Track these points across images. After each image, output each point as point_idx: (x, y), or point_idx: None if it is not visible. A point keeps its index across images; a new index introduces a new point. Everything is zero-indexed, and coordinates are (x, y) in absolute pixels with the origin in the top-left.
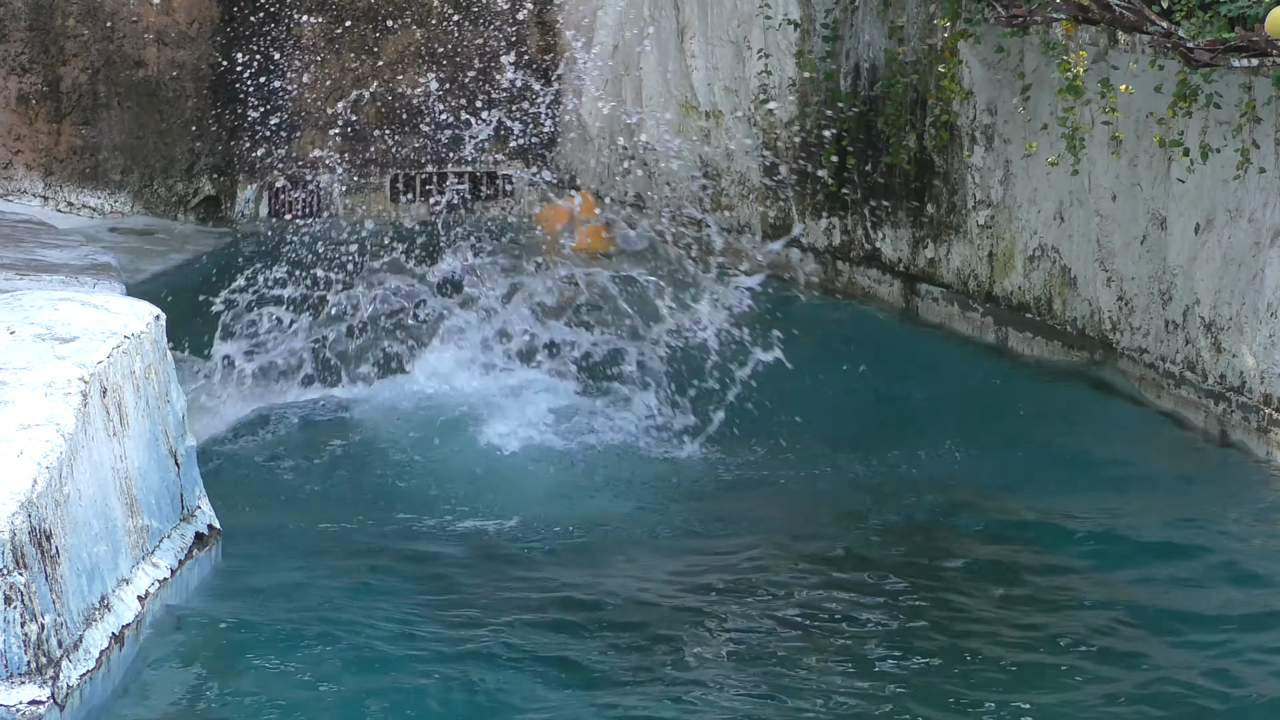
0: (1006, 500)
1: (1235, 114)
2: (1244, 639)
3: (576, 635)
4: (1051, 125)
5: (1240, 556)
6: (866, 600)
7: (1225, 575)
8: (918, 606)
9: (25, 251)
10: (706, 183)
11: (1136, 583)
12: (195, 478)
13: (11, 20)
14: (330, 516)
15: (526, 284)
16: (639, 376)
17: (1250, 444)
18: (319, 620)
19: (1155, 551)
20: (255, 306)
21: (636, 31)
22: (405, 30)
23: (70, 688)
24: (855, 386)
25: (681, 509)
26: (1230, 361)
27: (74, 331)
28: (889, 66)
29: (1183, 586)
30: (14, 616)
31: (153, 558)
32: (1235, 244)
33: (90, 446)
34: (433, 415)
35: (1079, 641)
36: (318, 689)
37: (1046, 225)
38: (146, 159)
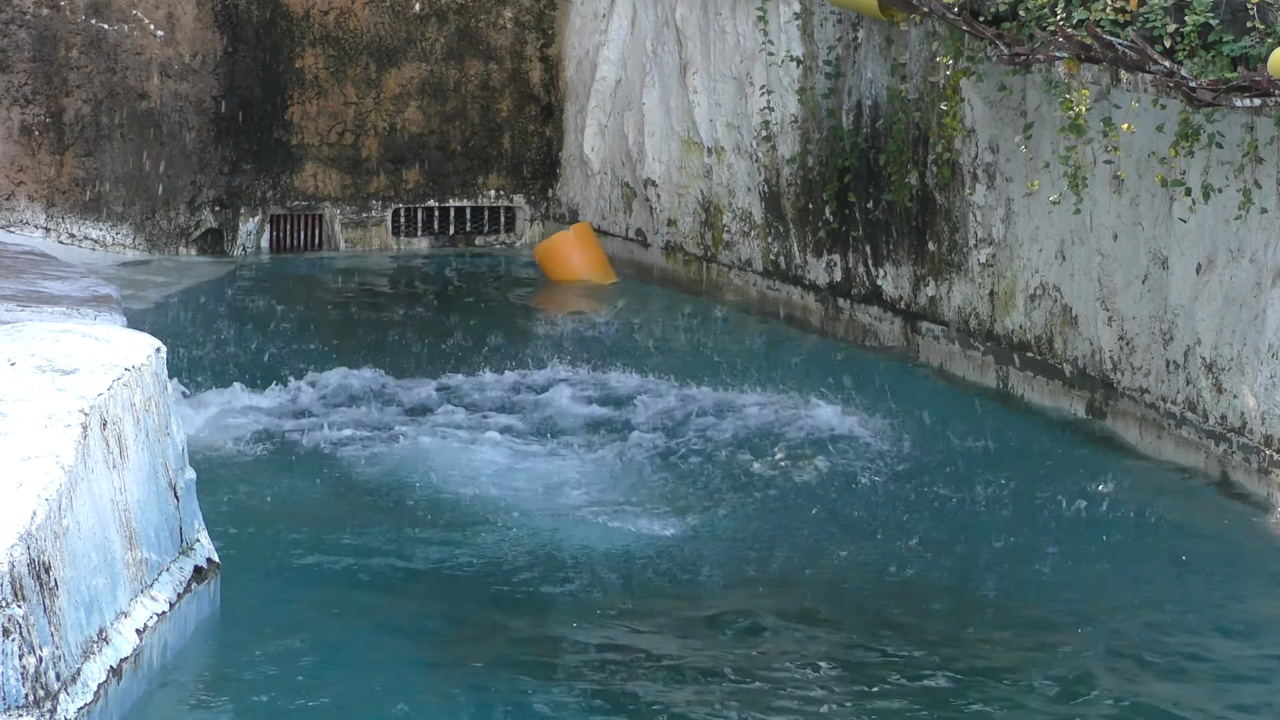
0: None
1: (1237, 154)
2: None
3: (581, 678)
4: (1053, 164)
5: (1237, 603)
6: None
7: (1222, 622)
8: (899, 656)
9: (27, 283)
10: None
11: (1138, 626)
12: (195, 511)
13: (15, 51)
14: (333, 552)
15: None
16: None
17: (1250, 485)
18: (318, 658)
19: (1160, 597)
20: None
21: (639, 67)
22: (409, 64)
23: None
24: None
25: (683, 550)
26: (1231, 402)
27: (75, 363)
28: (891, 104)
29: (1184, 631)
30: (12, 649)
31: (151, 591)
32: (1237, 284)
33: (90, 479)
34: (435, 450)
35: (1077, 684)
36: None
37: (1048, 264)
38: (149, 191)
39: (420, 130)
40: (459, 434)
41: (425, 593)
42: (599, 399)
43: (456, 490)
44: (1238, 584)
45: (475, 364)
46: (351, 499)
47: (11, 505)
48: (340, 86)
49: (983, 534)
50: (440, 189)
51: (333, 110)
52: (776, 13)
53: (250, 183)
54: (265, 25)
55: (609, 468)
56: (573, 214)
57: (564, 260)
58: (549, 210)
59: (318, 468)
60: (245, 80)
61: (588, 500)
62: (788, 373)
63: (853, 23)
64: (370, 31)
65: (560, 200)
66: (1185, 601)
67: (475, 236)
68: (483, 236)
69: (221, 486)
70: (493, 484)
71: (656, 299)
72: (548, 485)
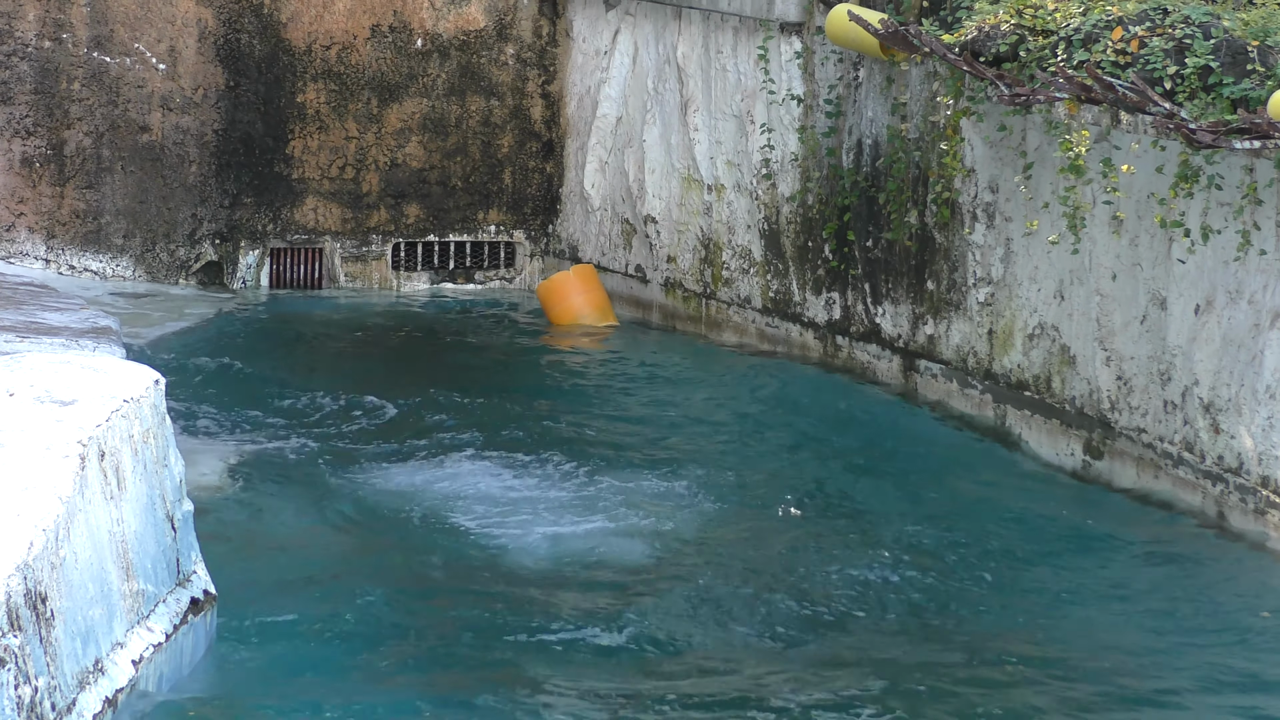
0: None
1: (1237, 196)
2: None
3: (591, 701)
4: (1053, 204)
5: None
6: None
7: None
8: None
9: (26, 314)
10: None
11: (1129, 658)
12: (192, 542)
13: (17, 83)
14: (329, 584)
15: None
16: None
17: (1246, 526)
18: (314, 691)
19: (1150, 630)
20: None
21: (640, 104)
22: (410, 99)
23: None
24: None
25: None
26: (1228, 443)
27: (73, 394)
28: (891, 143)
29: (1172, 659)
30: (7, 679)
31: (148, 622)
32: (1235, 325)
33: (87, 510)
34: (434, 478)
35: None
36: None
37: (1046, 304)
38: (149, 223)
39: (421, 165)
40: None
41: (422, 625)
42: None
43: (451, 520)
44: (1231, 622)
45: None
46: (348, 532)
47: (9, 536)
48: (341, 121)
49: (977, 568)
50: (441, 224)
51: (334, 145)
52: (778, 52)
53: (251, 216)
54: (267, 59)
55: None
56: (573, 250)
57: (564, 300)
58: (549, 246)
59: (313, 502)
60: (247, 114)
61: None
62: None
63: (854, 62)
64: (372, 67)
65: (560, 236)
66: (1179, 638)
67: (475, 271)
68: (483, 271)
69: (218, 519)
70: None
71: (651, 345)
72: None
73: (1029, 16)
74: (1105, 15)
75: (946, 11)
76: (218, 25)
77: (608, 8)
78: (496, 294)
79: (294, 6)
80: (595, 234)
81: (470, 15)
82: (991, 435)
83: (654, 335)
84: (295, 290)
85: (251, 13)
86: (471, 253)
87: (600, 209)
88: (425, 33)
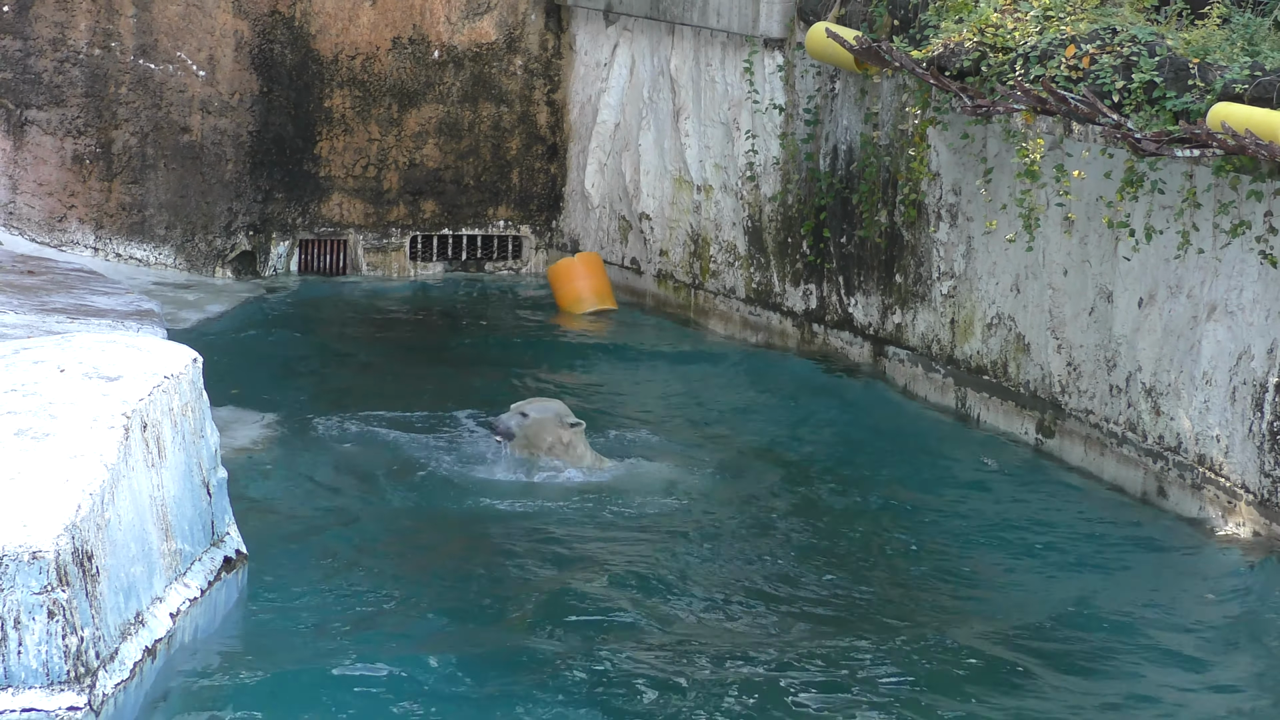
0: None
1: (1177, 199)
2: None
3: (616, 666)
4: (1010, 206)
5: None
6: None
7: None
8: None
9: (76, 297)
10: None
11: (1064, 613)
12: (225, 506)
13: (69, 87)
14: (352, 544)
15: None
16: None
17: (1184, 500)
18: (338, 639)
19: (1088, 596)
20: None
21: (636, 112)
22: (428, 105)
23: (106, 696)
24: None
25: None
26: (1168, 424)
27: (119, 371)
28: (864, 149)
29: (1112, 628)
30: (56, 629)
31: (184, 579)
32: (1175, 317)
33: (130, 476)
34: (449, 444)
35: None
36: (331, 704)
37: (1004, 296)
38: (189, 216)
39: (437, 165)
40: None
41: (438, 582)
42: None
43: (470, 485)
44: (1169, 584)
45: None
46: (373, 496)
47: (59, 499)
48: (365, 125)
49: (943, 537)
50: (454, 219)
51: (358, 146)
52: (761, 65)
53: (281, 210)
54: (297, 68)
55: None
56: (574, 243)
57: (571, 283)
58: (552, 240)
59: (341, 469)
60: (278, 117)
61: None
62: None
63: (831, 75)
64: (393, 75)
65: (563, 231)
66: (1118, 599)
67: (485, 262)
68: (492, 262)
69: (251, 485)
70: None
71: (645, 329)
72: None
73: (990, 35)
74: (1059, 34)
75: (915, 30)
76: (253, 36)
77: (607, 23)
78: (505, 282)
79: (322, 20)
80: (594, 229)
81: (483, 29)
82: (952, 415)
83: (648, 321)
84: (321, 277)
85: (284, 25)
86: (482, 245)
87: (599, 206)
88: (441, 45)
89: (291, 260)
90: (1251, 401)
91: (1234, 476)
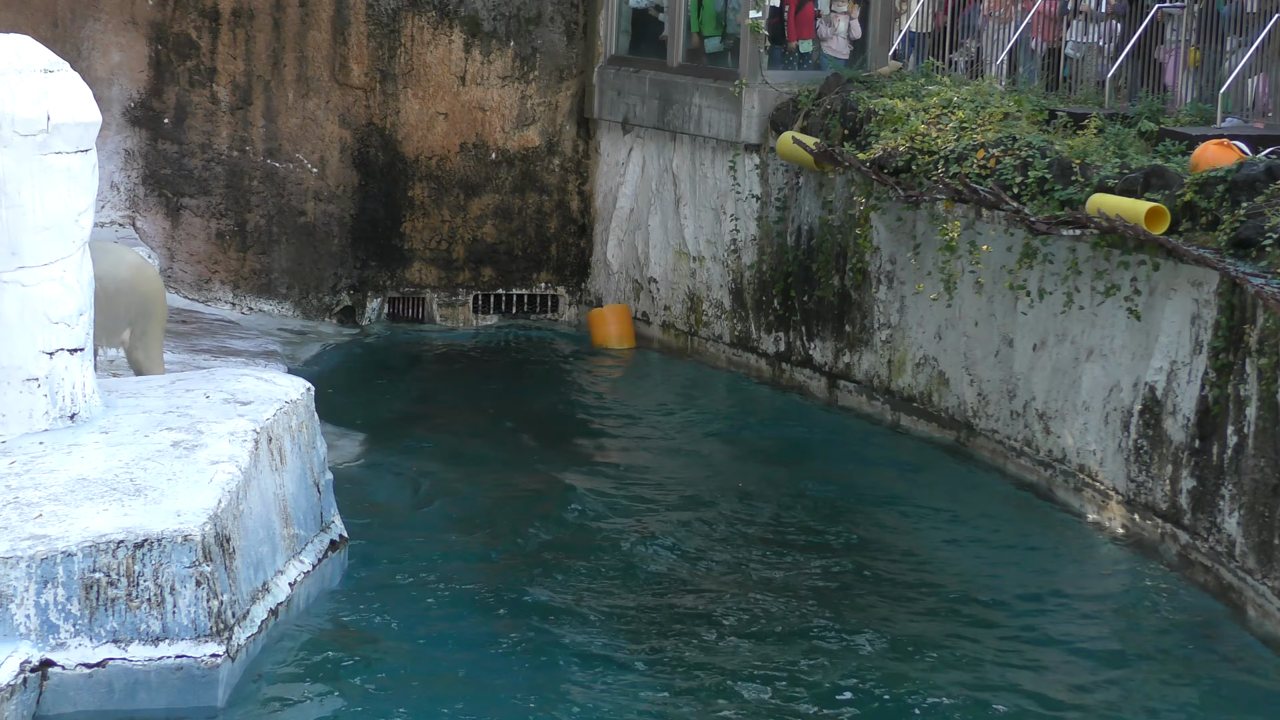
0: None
1: (1063, 267)
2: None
3: (691, 646)
4: (934, 272)
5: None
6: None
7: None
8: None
9: (218, 341)
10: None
11: (974, 577)
12: (331, 500)
13: (213, 180)
14: (431, 531)
15: None
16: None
17: (1069, 500)
18: (422, 607)
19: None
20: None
21: (646, 200)
22: (487, 195)
23: (239, 646)
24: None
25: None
26: (1056, 441)
27: (250, 397)
28: (821, 228)
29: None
30: (202, 595)
31: (300, 556)
32: (1061, 359)
33: (259, 477)
34: (506, 449)
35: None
36: (415, 653)
37: (929, 342)
38: (304, 278)
39: (494, 240)
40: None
41: (506, 560)
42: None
43: (529, 482)
44: (1055, 563)
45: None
46: (447, 493)
47: (204, 495)
48: (439, 209)
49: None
50: (507, 281)
51: (433, 225)
52: (743, 164)
53: (375, 274)
54: (387, 166)
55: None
56: (599, 300)
57: (604, 326)
58: (582, 297)
59: (421, 471)
60: (373, 204)
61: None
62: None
63: (796, 172)
64: (460, 172)
65: (590, 290)
66: (1016, 571)
67: (530, 314)
68: (535, 315)
69: (351, 484)
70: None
71: (653, 367)
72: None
73: (918, 141)
74: (972, 141)
75: (861, 138)
76: (354, 142)
77: (624, 132)
78: (545, 330)
79: (406, 129)
80: (614, 289)
81: (529, 137)
82: (890, 431)
83: (655, 360)
84: (405, 326)
85: (377, 133)
86: (528, 302)
87: (618, 272)
88: (498, 148)
89: (382, 312)
90: (1120, 424)
91: (1107, 481)
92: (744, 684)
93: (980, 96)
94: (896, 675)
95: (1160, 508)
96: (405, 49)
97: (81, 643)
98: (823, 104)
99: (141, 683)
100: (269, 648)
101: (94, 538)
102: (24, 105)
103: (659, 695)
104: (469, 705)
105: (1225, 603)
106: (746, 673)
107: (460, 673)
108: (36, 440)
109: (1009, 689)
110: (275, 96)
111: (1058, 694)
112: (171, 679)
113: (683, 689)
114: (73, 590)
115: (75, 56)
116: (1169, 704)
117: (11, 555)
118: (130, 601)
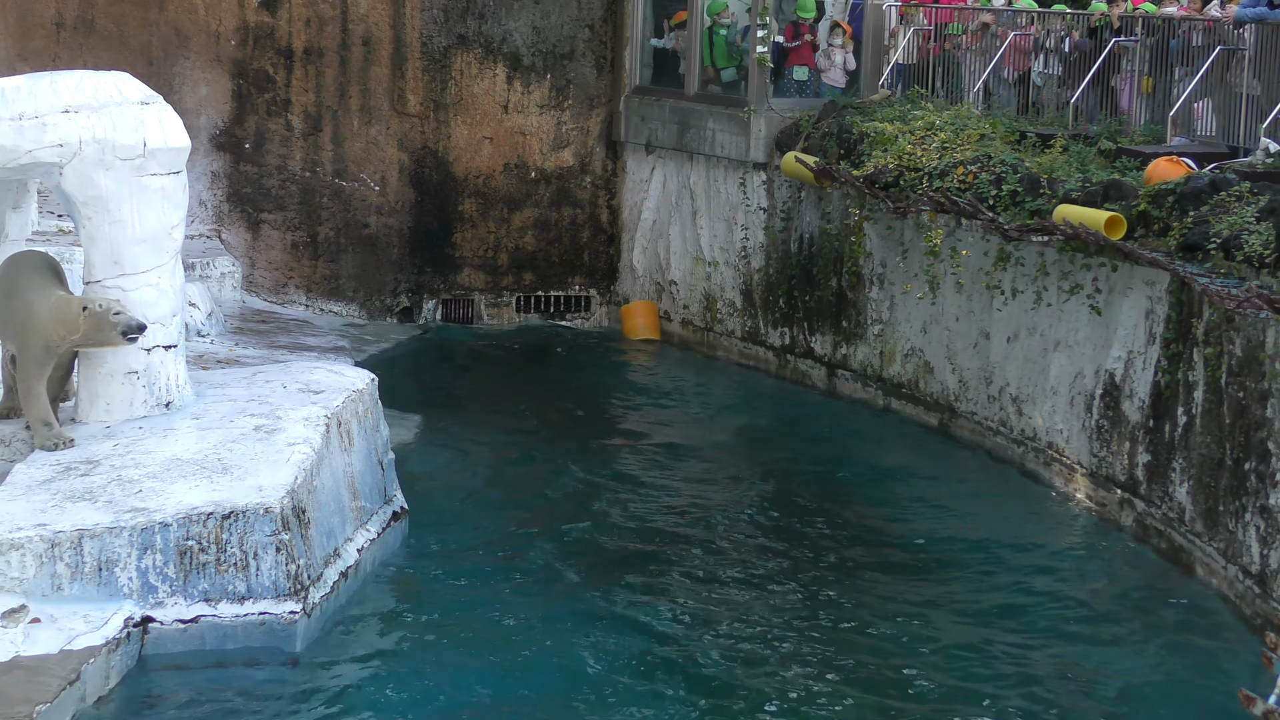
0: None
1: (1034, 269)
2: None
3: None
4: (919, 275)
5: (1019, 541)
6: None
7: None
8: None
9: (294, 338)
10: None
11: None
12: (393, 477)
13: (288, 198)
14: (484, 507)
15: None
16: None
17: (1040, 473)
18: (479, 570)
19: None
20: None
21: (667, 212)
22: (527, 209)
23: (314, 605)
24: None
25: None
26: (1028, 422)
27: (322, 387)
28: (821, 237)
29: (987, 554)
30: (281, 560)
31: (366, 526)
32: (1032, 350)
33: (330, 457)
34: (547, 435)
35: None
36: (465, 615)
37: (916, 335)
38: (368, 283)
39: (534, 249)
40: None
41: (552, 530)
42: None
43: (566, 460)
44: (1026, 528)
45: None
46: (495, 472)
47: (282, 473)
48: (485, 222)
49: (863, 496)
50: (545, 284)
51: (480, 236)
52: (751, 180)
53: (430, 279)
54: (440, 184)
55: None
56: (626, 301)
57: (634, 318)
58: (611, 299)
59: (472, 454)
60: (428, 218)
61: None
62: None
63: (798, 187)
64: (504, 189)
65: (618, 292)
66: (993, 532)
67: (565, 314)
68: (570, 314)
69: (410, 463)
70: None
71: (674, 358)
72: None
73: (905, 159)
74: (953, 159)
75: (855, 157)
76: (411, 163)
77: (648, 153)
78: (579, 328)
79: (456, 152)
80: (639, 291)
81: (564, 157)
82: (882, 414)
83: (675, 353)
84: (457, 324)
85: (431, 155)
86: (564, 302)
87: (643, 276)
88: (536, 168)
89: (436, 313)
90: (1084, 406)
91: (1072, 457)
92: (787, 647)
93: (959, 120)
94: (883, 614)
95: (1119, 479)
96: (455, 81)
97: (177, 601)
98: (821, 127)
99: (229, 635)
100: (341, 606)
101: (187, 510)
102: (124, 133)
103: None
104: (511, 655)
105: (1176, 563)
106: (788, 639)
107: (509, 621)
108: (136, 425)
109: (984, 641)
110: (342, 124)
111: (1030, 642)
112: (255, 632)
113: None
114: (169, 556)
115: (168, 90)
116: (1130, 647)
117: (116, 526)
118: (219, 566)
